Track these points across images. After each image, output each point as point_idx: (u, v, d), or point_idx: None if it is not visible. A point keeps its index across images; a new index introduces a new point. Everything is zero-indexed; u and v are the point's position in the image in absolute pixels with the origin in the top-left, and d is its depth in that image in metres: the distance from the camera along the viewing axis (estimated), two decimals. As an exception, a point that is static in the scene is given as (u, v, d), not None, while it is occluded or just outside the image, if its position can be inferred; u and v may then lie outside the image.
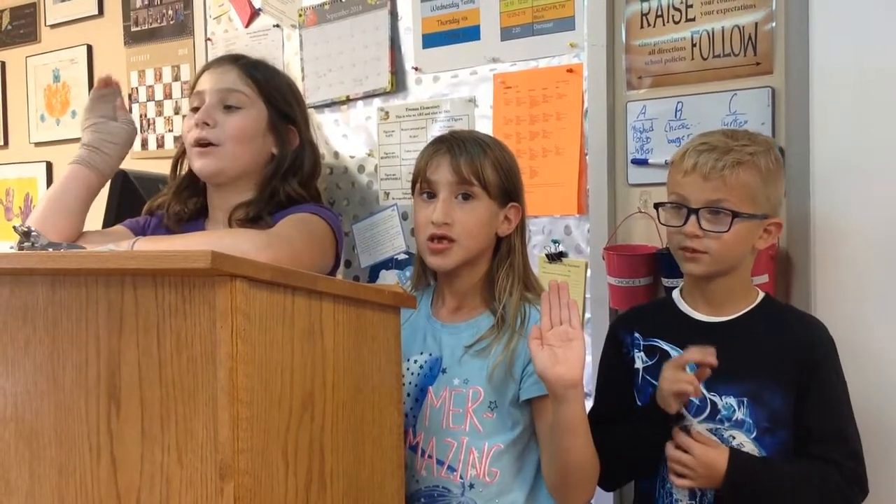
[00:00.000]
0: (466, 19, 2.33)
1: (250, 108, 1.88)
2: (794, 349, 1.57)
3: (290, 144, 1.93)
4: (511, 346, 1.58)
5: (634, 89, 2.07)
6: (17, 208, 3.61)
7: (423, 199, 1.67)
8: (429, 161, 1.66)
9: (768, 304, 1.65)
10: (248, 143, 1.87)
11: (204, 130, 1.83)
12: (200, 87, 1.90)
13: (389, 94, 2.47)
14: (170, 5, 3.03)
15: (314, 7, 2.61)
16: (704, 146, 1.59)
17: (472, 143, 1.65)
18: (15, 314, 1.28)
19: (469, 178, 1.62)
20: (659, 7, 2.02)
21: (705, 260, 1.58)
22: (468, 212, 1.63)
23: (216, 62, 1.95)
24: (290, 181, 1.90)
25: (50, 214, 1.82)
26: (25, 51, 3.58)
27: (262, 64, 1.98)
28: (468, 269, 1.67)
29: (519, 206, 1.69)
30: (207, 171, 1.86)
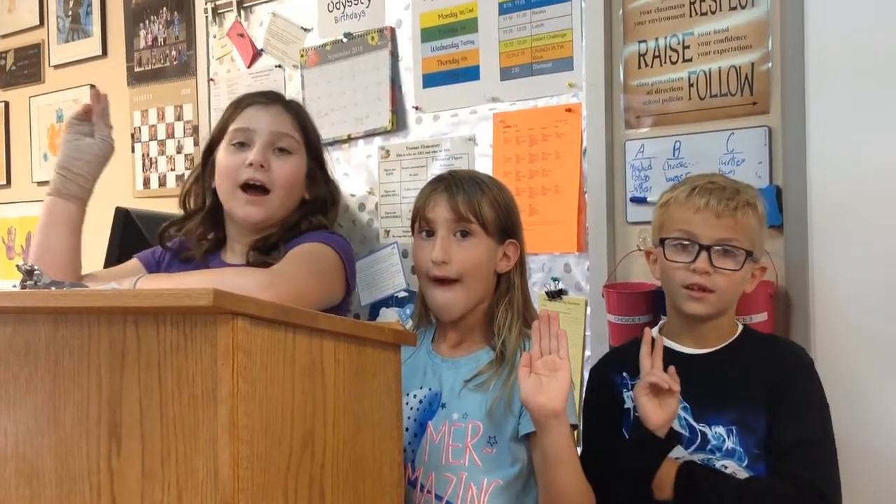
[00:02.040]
0: (466, 59, 2.35)
1: (298, 155, 1.88)
2: (772, 373, 1.58)
3: (319, 189, 1.94)
4: (510, 382, 1.59)
5: (633, 128, 2.09)
6: (18, 247, 3.62)
7: (423, 238, 1.69)
8: (427, 200, 1.69)
9: (749, 334, 1.67)
10: (293, 190, 1.86)
11: (258, 172, 1.81)
12: (247, 123, 1.85)
13: (390, 133, 2.49)
14: (173, 46, 3.06)
15: (316, 48, 2.64)
16: (713, 185, 1.61)
17: (469, 181, 1.68)
18: (17, 352, 1.28)
19: (466, 215, 1.64)
20: (656, 48, 2.05)
21: (711, 299, 1.59)
22: (466, 249, 1.65)
23: (262, 99, 1.91)
24: (315, 216, 1.91)
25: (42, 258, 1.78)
26: (29, 91, 3.62)
27: (301, 106, 1.98)
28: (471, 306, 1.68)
29: (517, 244, 1.70)
30: (255, 219, 1.83)
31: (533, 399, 1.48)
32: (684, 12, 2.01)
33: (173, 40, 3.06)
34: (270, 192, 1.83)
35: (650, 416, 1.54)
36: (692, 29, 2.00)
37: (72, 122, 1.86)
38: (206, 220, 1.92)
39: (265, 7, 2.77)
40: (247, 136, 1.84)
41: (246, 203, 1.82)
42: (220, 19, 2.89)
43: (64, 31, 3.47)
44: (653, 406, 1.54)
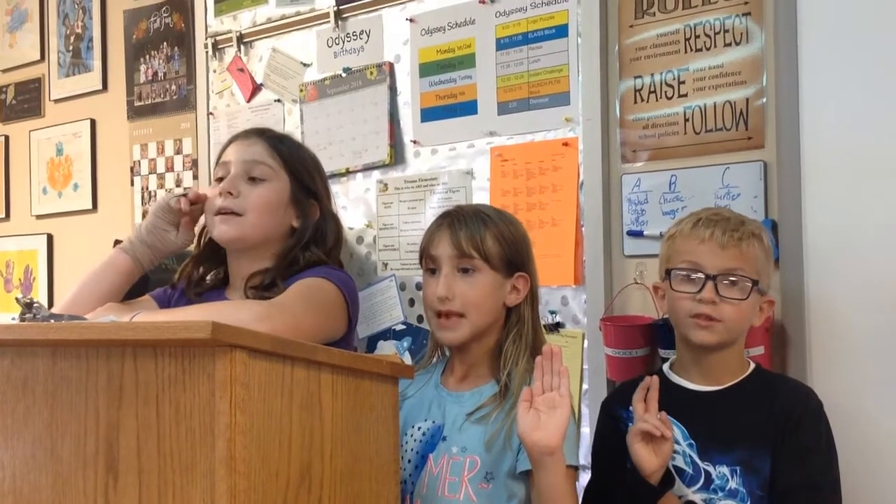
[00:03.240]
0: (464, 94, 2.38)
1: (274, 181, 1.90)
2: (780, 415, 1.57)
3: (311, 217, 1.95)
4: (512, 415, 1.58)
5: (629, 162, 2.10)
6: (16, 280, 3.62)
7: (429, 275, 1.70)
8: (431, 237, 1.70)
9: (759, 373, 1.67)
10: (271, 214, 1.89)
11: (227, 200, 1.86)
12: (226, 157, 1.93)
13: (388, 167, 2.50)
14: (173, 80, 3.09)
15: (315, 82, 2.66)
16: (718, 216, 1.62)
17: (472, 217, 1.68)
18: (15, 385, 1.29)
19: (469, 251, 1.65)
20: (652, 83, 2.07)
21: (718, 328, 1.59)
22: (470, 285, 1.65)
23: (243, 134, 1.98)
24: (311, 249, 1.92)
25: (82, 296, 1.87)
26: (29, 125, 3.64)
27: (287, 138, 2.02)
28: (477, 339, 1.68)
29: (527, 277, 1.70)
30: (227, 238, 1.88)
31: (529, 435, 1.47)
32: (679, 48, 2.03)
33: (173, 75, 3.09)
34: (242, 215, 1.86)
35: (643, 463, 1.53)
36: (687, 65, 2.02)
37: (164, 208, 1.94)
38: (205, 258, 1.97)
39: (265, 42, 2.80)
40: (224, 170, 1.91)
41: (219, 223, 1.87)
42: (220, 54, 2.91)
43: (65, 66, 3.50)
44: (646, 452, 1.54)
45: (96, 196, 3.37)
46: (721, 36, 1.98)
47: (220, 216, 1.87)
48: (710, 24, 1.99)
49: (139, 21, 3.20)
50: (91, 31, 3.39)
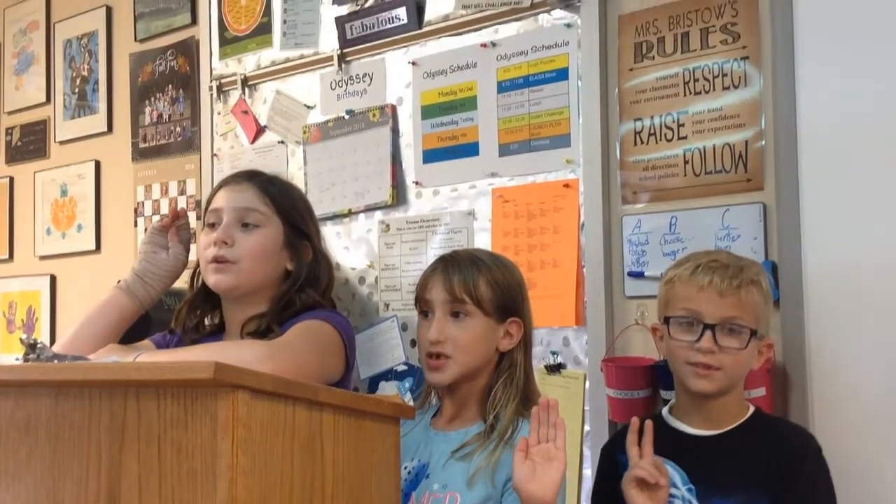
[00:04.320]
0: (465, 136, 2.40)
1: (267, 226, 1.91)
2: (780, 461, 1.57)
3: (304, 259, 1.96)
4: (496, 455, 1.59)
5: (629, 204, 2.11)
6: (19, 321, 3.63)
7: (422, 318, 1.73)
8: (426, 281, 1.73)
9: (759, 417, 1.66)
10: (265, 260, 1.90)
11: (221, 249, 1.86)
12: (217, 204, 1.93)
13: (390, 208, 2.52)
14: (177, 122, 3.12)
15: (318, 124, 2.69)
16: (716, 263, 1.62)
17: (467, 262, 1.71)
18: (18, 426, 1.29)
19: (461, 296, 1.67)
20: (651, 126, 2.09)
21: (717, 377, 1.59)
22: (461, 329, 1.67)
23: (233, 179, 1.98)
24: (306, 291, 1.93)
25: (81, 336, 1.88)
26: (34, 166, 3.66)
27: (278, 180, 2.02)
28: (467, 382, 1.70)
29: (521, 322, 1.72)
30: (223, 287, 1.88)
31: (525, 486, 1.48)
32: (678, 91, 2.05)
33: (178, 117, 3.12)
34: (237, 263, 1.87)
35: None
36: (686, 108, 2.04)
37: (151, 232, 2.02)
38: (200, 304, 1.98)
39: (269, 85, 2.82)
40: (216, 217, 1.91)
41: (214, 271, 1.87)
42: (224, 96, 2.94)
43: (70, 108, 3.53)
44: (642, 499, 1.54)
45: (100, 237, 3.39)
46: (720, 79, 2.00)
47: (214, 264, 1.87)
48: (709, 67, 2.01)
49: (145, 64, 3.23)
50: (97, 74, 3.42)
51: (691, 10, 2.04)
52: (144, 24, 3.25)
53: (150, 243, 2.00)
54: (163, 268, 1.99)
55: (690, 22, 2.04)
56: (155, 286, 1.98)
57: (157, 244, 2.00)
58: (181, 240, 2.04)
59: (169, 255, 2.00)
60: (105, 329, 1.90)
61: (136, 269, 1.98)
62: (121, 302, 1.94)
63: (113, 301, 1.94)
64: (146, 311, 2.02)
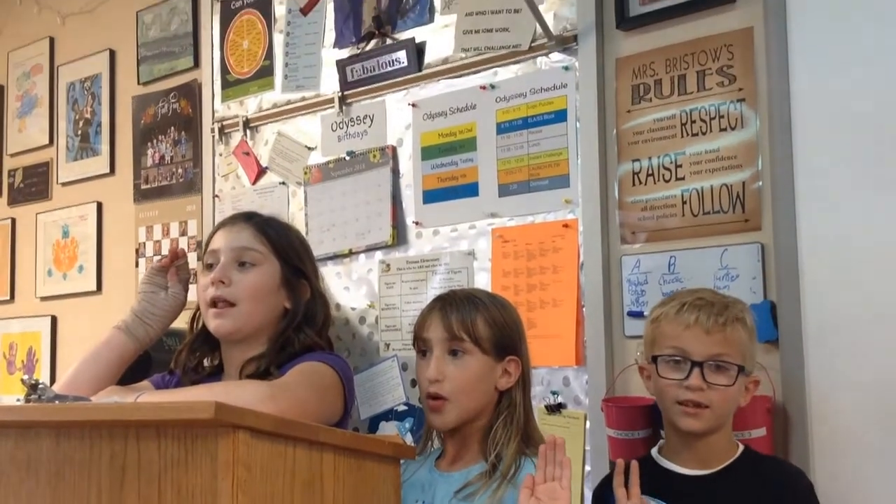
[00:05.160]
0: (465, 176, 2.41)
1: (265, 266, 1.92)
2: (772, 499, 1.57)
3: (302, 298, 1.97)
4: (499, 494, 1.59)
5: (628, 244, 2.13)
6: (19, 362, 3.62)
7: (420, 357, 1.73)
8: (423, 320, 1.74)
9: (749, 455, 1.67)
10: (263, 300, 1.90)
11: (220, 289, 1.87)
12: (214, 245, 1.94)
13: (391, 248, 2.53)
14: (179, 164, 3.14)
15: (319, 165, 2.71)
16: (701, 301, 1.63)
17: (464, 300, 1.71)
18: (18, 467, 1.29)
19: (459, 334, 1.68)
20: (649, 166, 2.10)
21: (706, 415, 1.60)
22: (459, 368, 1.67)
23: (230, 221, 2.00)
24: (304, 331, 1.93)
25: (80, 377, 1.88)
26: (36, 207, 3.67)
27: (275, 221, 2.04)
28: (468, 423, 1.70)
29: (519, 360, 1.72)
30: (224, 331, 1.88)
31: None
32: (676, 133, 2.07)
33: (180, 158, 3.14)
34: (235, 304, 1.87)
35: None
36: (684, 149, 2.06)
37: (150, 273, 2.03)
38: (199, 346, 1.98)
39: (271, 126, 2.85)
40: (214, 258, 1.92)
41: (214, 316, 1.88)
42: (226, 138, 2.97)
43: (73, 150, 3.56)
44: None
45: (101, 278, 3.39)
46: (716, 121, 2.02)
47: (214, 309, 1.87)
48: (706, 109, 2.04)
49: (147, 106, 3.27)
50: (100, 116, 3.45)
51: (688, 54, 2.07)
52: (147, 67, 3.29)
53: (149, 283, 2.01)
54: (162, 308, 1.99)
55: (687, 65, 2.07)
56: (154, 326, 1.98)
57: (157, 284, 2.01)
58: (180, 280, 2.04)
59: (168, 296, 2.01)
60: (105, 369, 1.91)
61: (135, 310, 1.99)
62: (120, 342, 1.94)
63: (112, 341, 1.94)
64: (146, 351, 2.02)
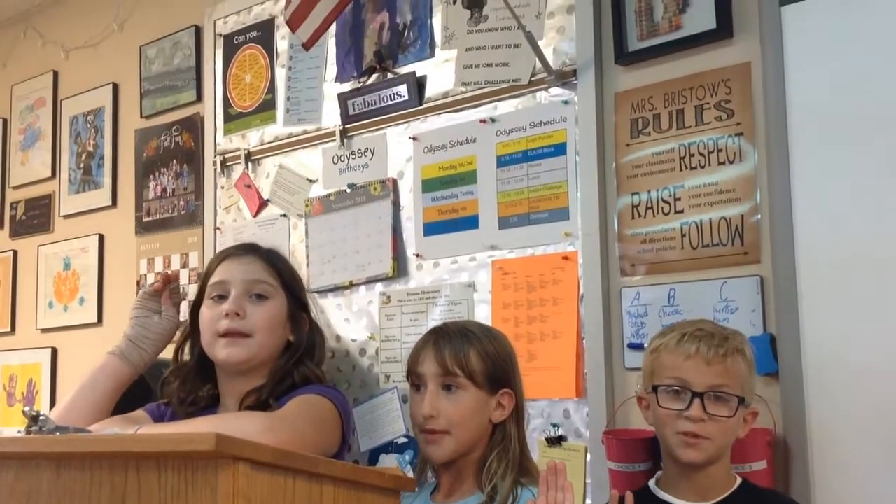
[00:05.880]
0: (465, 209, 2.43)
1: (275, 298, 1.92)
2: None
3: (303, 330, 1.97)
4: None
5: (628, 276, 2.13)
6: (19, 394, 3.61)
7: (414, 391, 1.74)
8: (417, 354, 1.75)
9: (747, 488, 1.67)
10: (275, 332, 1.90)
11: (234, 321, 1.85)
12: (222, 276, 1.92)
13: (391, 280, 2.54)
14: (181, 196, 3.15)
15: (320, 197, 2.72)
16: (701, 332, 1.64)
17: (457, 334, 1.72)
18: (19, 498, 1.29)
19: (452, 369, 1.68)
20: (649, 199, 2.12)
21: (706, 446, 1.60)
22: (454, 402, 1.68)
23: (235, 252, 1.99)
24: (304, 363, 1.93)
25: (77, 403, 1.88)
26: (38, 240, 3.68)
27: (277, 252, 2.04)
28: (463, 456, 1.70)
29: (512, 393, 1.72)
30: (235, 360, 1.86)
31: None
32: (674, 166, 2.09)
33: (182, 191, 3.16)
34: (250, 336, 1.86)
35: None
36: (683, 182, 2.07)
37: (143, 296, 2.02)
38: (193, 377, 1.95)
39: (272, 159, 2.87)
40: (224, 289, 1.91)
41: (226, 345, 1.86)
42: (228, 171, 2.98)
43: (75, 183, 3.57)
44: None
45: (102, 310, 3.39)
46: (715, 155, 2.04)
47: (226, 338, 1.86)
48: (704, 143, 2.05)
49: (150, 139, 3.29)
50: (102, 149, 3.48)
51: (686, 88, 2.09)
52: (150, 100, 3.31)
53: (141, 308, 2.00)
54: (156, 331, 1.99)
55: (685, 99, 2.09)
56: (148, 350, 1.98)
57: (149, 308, 2.00)
58: (173, 303, 2.04)
59: (161, 319, 2.00)
60: (101, 395, 1.90)
61: (128, 335, 1.98)
62: (115, 368, 1.93)
63: (107, 367, 1.93)
64: (143, 377, 2.01)
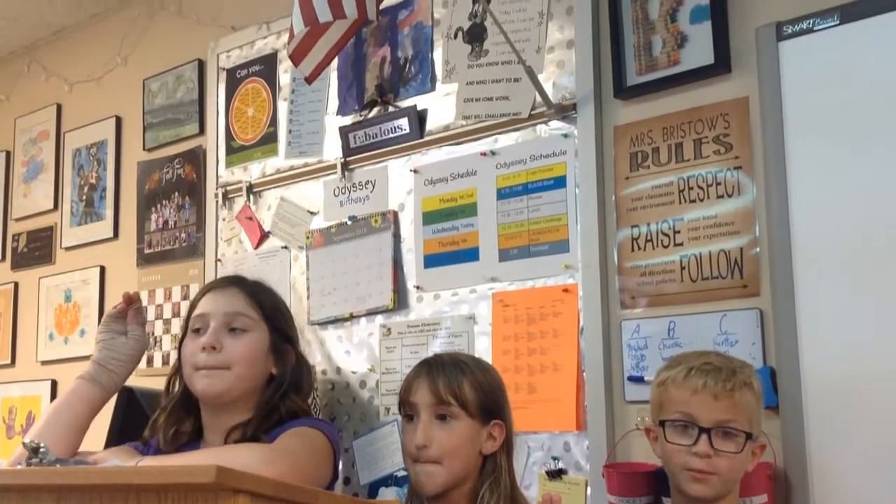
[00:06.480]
0: (466, 241, 2.44)
1: (255, 331, 1.90)
2: None
3: (288, 363, 1.96)
4: None
5: (628, 308, 2.14)
6: (18, 426, 3.61)
7: (407, 422, 1.73)
8: (410, 384, 1.74)
9: None
10: (254, 365, 1.88)
11: (211, 355, 1.84)
12: (203, 309, 1.90)
13: (391, 312, 2.54)
14: (183, 228, 3.17)
15: (321, 230, 2.73)
16: (709, 366, 1.63)
17: (450, 364, 1.72)
18: (18, 530, 1.29)
19: (447, 398, 1.68)
20: (648, 232, 2.13)
21: (713, 481, 1.59)
22: (448, 432, 1.67)
23: (218, 285, 1.98)
24: (290, 397, 1.92)
25: (49, 428, 1.83)
26: (39, 272, 3.69)
27: (263, 285, 2.02)
28: (454, 487, 1.69)
29: (503, 424, 1.72)
30: (212, 393, 1.84)
31: None
32: (674, 199, 2.10)
33: (183, 223, 3.17)
34: (228, 368, 1.85)
35: None
36: (682, 215, 2.09)
37: (107, 320, 1.98)
38: (178, 410, 1.93)
39: (274, 192, 2.89)
40: (203, 322, 1.88)
41: (202, 377, 1.83)
42: (229, 203, 3.00)
43: (77, 215, 3.59)
44: None
45: (102, 342, 3.39)
46: (714, 188, 2.05)
47: (203, 371, 1.84)
48: (703, 176, 2.07)
49: (152, 172, 3.31)
50: (105, 182, 3.50)
51: (684, 122, 2.10)
52: (153, 133, 3.34)
53: (106, 332, 1.97)
54: (124, 352, 1.95)
55: (684, 133, 2.10)
56: (118, 371, 1.94)
57: (114, 331, 1.97)
58: (139, 323, 2.00)
59: (128, 339, 1.97)
60: (75, 418, 1.86)
61: (96, 359, 1.94)
62: (86, 391, 1.90)
63: (78, 391, 1.90)
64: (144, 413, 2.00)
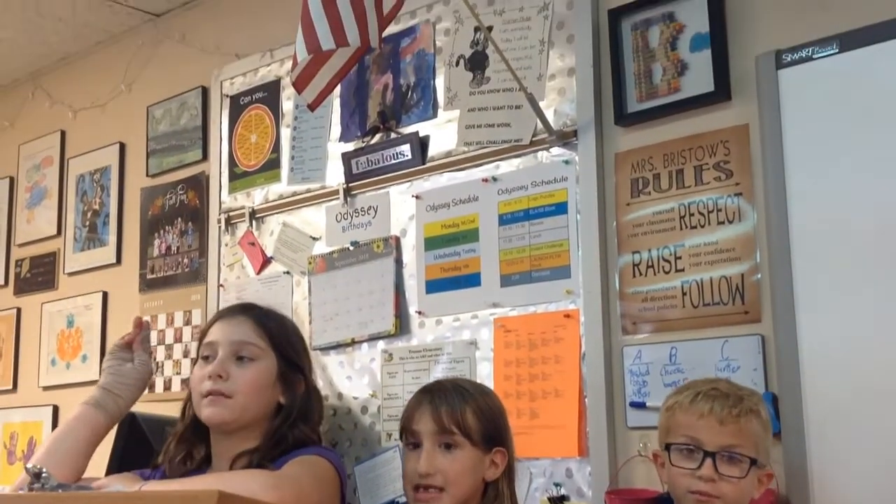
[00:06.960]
0: (468, 267, 2.44)
1: (262, 360, 1.91)
2: None
3: (297, 393, 1.96)
4: None
5: (629, 334, 2.14)
6: (20, 452, 3.60)
7: (410, 450, 1.73)
8: (412, 412, 1.74)
9: None
10: (260, 394, 1.89)
11: (217, 383, 1.86)
12: (212, 337, 1.93)
13: (393, 337, 2.54)
14: (185, 254, 3.18)
15: (323, 255, 2.74)
16: (716, 391, 1.64)
17: (452, 392, 1.72)
18: (21, 556, 1.29)
19: (450, 427, 1.68)
20: (649, 258, 2.14)
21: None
22: (451, 460, 1.68)
23: (228, 312, 2.00)
24: (298, 426, 1.92)
25: (52, 454, 1.84)
26: (42, 297, 3.69)
27: (273, 313, 2.04)
28: None
29: (505, 451, 1.72)
30: (217, 420, 1.87)
31: None
32: (675, 226, 2.11)
33: (186, 248, 3.18)
34: (232, 397, 1.86)
35: None
36: (683, 241, 2.09)
37: (114, 349, 2.02)
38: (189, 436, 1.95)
39: (276, 217, 2.90)
40: (212, 350, 1.91)
41: (208, 404, 1.86)
42: (232, 228, 3.01)
43: (80, 241, 3.60)
44: None
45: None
46: (714, 214, 2.06)
47: (209, 398, 1.86)
48: (704, 203, 2.08)
49: (155, 198, 3.32)
50: (108, 208, 3.51)
51: (685, 149, 2.12)
52: (157, 159, 3.36)
53: (113, 358, 2.00)
54: (130, 377, 1.98)
55: (684, 160, 2.12)
56: (124, 396, 1.96)
57: (121, 358, 2.00)
58: (145, 350, 2.04)
59: (135, 365, 2.00)
60: (78, 444, 1.88)
61: (102, 384, 1.97)
62: (90, 417, 1.91)
63: (83, 417, 1.91)
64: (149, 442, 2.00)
